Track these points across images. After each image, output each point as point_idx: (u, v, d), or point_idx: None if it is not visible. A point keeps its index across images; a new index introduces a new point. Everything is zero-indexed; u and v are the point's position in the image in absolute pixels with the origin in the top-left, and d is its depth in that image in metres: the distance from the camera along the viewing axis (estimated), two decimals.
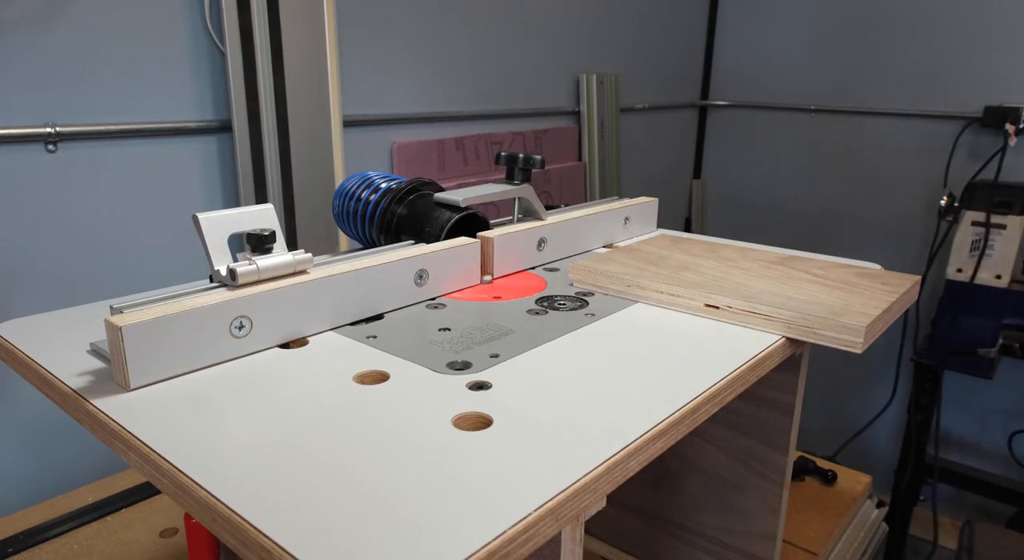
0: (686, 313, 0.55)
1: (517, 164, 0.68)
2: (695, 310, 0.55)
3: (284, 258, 0.48)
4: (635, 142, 2.35)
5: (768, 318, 0.51)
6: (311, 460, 0.34)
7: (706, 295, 0.54)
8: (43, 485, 1.12)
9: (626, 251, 0.67)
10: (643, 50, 2.29)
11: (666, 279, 0.58)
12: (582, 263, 0.62)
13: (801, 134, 2.42)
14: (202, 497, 0.31)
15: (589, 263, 0.62)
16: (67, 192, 1.11)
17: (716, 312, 0.53)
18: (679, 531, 0.72)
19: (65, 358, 0.45)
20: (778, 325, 0.51)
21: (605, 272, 0.60)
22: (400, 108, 1.59)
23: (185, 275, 1.23)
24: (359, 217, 0.66)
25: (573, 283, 0.62)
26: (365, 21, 1.47)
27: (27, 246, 1.08)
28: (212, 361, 0.44)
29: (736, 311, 0.52)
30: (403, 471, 0.33)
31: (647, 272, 0.60)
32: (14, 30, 1.02)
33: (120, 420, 0.38)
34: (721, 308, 0.53)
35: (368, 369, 0.44)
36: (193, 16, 1.19)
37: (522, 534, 0.29)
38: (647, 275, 0.59)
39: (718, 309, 0.53)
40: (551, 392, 0.41)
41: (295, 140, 1.26)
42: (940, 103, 2.09)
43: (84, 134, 1.10)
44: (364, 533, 0.28)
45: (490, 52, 1.78)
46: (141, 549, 0.89)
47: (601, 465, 0.34)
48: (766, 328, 0.51)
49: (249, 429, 0.37)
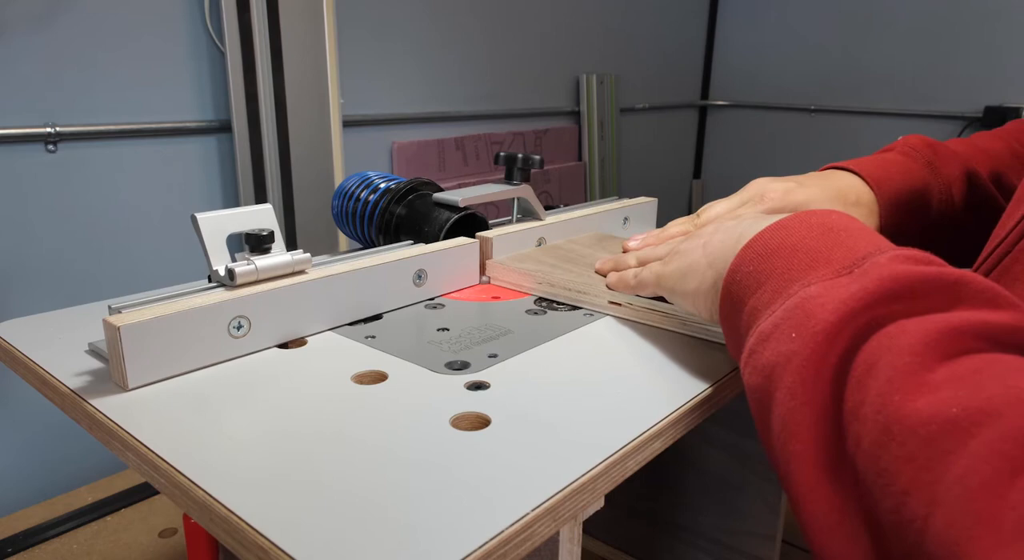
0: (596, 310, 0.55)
1: (516, 164, 0.68)
2: (602, 307, 0.54)
3: (283, 258, 0.48)
4: (635, 142, 2.35)
5: (665, 315, 0.51)
6: (309, 460, 0.34)
7: (610, 293, 0.54)
8: (43, 485, 1.12)
9: (549, 249, 0.67)
10: (643, 50, 2.29)
11: (578, 275, 0.58)
12: (498, 260, 0.62)
13: (801, 134, 2.43)
14: (200, 497, 0.31)
15: (506, 260, 0.62)
16: (67, 192, 1.11)
17: (620, 310, 0.53)
18: (678, 531, 0.72)
19: (63, 358, 0.45)
20: (674, 322, 0.50)
21: (519, 270, 0.60)
22: (400, 108, 1.59)
23: (184, 275, 1.23)
24: (358, 217, 0.66)
25: (490, 279, 0.62)
26: (365, 21, 1.47)
27: (27, 246, 1.08)
28: (210, 361, 0.44)
29: (637, 308, 0.52)
30: (401, 471, 0.33)
31: (559, 269, 0.60)
32: (14, 30, 1.02)
33: (118, 420, 0.38)
34: (623, 305, 0.53)
35: (366, 369, 0.44)
36: (193, 16, 1.19)
37: (520, 534, 0.29)
38: (559, 272, 0.59)
39: (620, 306, 0.53)
40: (549, 392, 0.41)
41: (295, 140, 1.26)
42: (940, 103, 2.09)
43: (84, 134, 1.10)
44: (361, 533, 0.28)
45: (490, 52, 1.78)
46: (140, 549, 0.89)
47: (599, 465, 0.34)
48: (663, 325, 0.51)
49: (247, 429, 0.37)
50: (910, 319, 0.28)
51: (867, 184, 0.58)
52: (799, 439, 0.29)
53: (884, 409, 0.26)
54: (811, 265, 0.34)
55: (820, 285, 0.32)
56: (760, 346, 0.33)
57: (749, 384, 0.34)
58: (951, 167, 0.61)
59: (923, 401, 0.25)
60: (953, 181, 0.60)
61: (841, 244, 0.34)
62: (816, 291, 0.31)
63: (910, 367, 0.26)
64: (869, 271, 0.31)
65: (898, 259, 0.31)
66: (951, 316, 0.28)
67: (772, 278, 0.35)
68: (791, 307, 0.32)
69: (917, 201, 0.59)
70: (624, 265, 0.56)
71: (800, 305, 0.31)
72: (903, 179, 0.59)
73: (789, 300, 0.32)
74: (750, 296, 0.36)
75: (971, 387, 0.24)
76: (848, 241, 0.34)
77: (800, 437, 0.29)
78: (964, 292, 0.29)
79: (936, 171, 0.60)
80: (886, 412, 0.26)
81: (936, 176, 0.60)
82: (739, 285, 0.37)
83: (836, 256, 0.33)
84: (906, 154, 0.62)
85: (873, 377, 0.27)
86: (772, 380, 0.31)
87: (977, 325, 0.27)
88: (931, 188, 0.60)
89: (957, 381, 0.25)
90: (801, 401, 0.29)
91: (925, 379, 0.25)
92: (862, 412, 0.27)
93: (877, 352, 0.28)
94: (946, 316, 0.28)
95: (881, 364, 0.27)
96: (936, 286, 0.29)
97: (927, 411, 0.24)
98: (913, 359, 0.26)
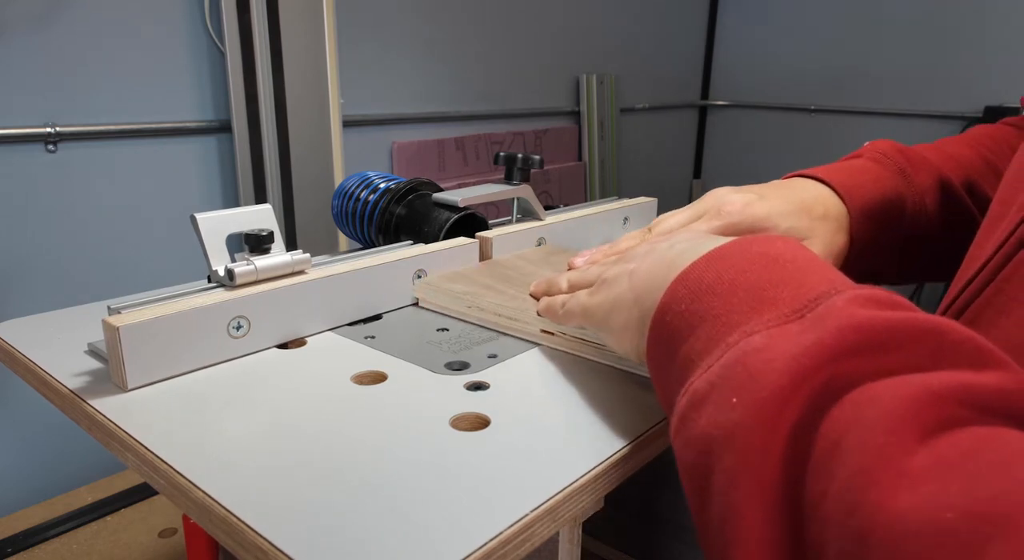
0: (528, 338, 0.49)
1: (516, 164, 0.68)
2: (534, 336, 0.48)
3: (282, 258, 0.48)
4: (635, 142, 2.35)
5: (599, 349, 0.45)
6: (308, 461, 0.34)
7: (543, 321, 0.47)
8: (43, 485, 1.12)
9: (490, 265, 0.60)
10: (643, 50, 2.29)
11: (510, 299, 0.51)
12: (427, 280, 0.55)
13: (801, 134, 2.43)
14: (199, 498, 0.31)
15: (435, 280, 0.55)
16: (67, 192, 1.11)
17: (553, 339, 0.47)
18: (678, 531, 0.72)
19: (63, 358, 0.45)
20: (610, 357, 0.45)
21: (449, 291, 0.53)
22: (400, 108, 1.59)
23: (183, 275, 1.23)
24: (358, 217, 0.66)
25: (419, 303, 0.56)
26: (365, 21, 1.47)
27: (27, 246, 1.08)
28: (210, 361, 0.44)
29: (569, 339, 0.46)
30: (400, 471, 0.33)
31: (493, 291, 0.53)
32: (14, 30, 1.02)
33: (117, 420, 0.38)
34: (556, 335, 0.46)
35: (366, 369, 0.44)
36: (193, 16, 1.19)
37: (519, 535, 0.29)
38: (491, 295, 0.52)
39: (553, 335, 0.47)
40: (549, 392, 0.41)
41: (295, 140, 1.26)
42: (940, 103, 2.09)
43: (84, 134, 1.10)
44: (361, 533, 0.28)
45: (490, 52, 1.78)
46: (140, 549, 0.89)
47: (599, 466, 0.34)
48: (599, 359, 0.45)
49: (246, 430, 0.37)
50: (879, 382, 0.23)
51: (836, 194, 0.53)
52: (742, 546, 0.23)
53: (856, 511, 0.20)
54: (753, 307, 0.28)
55: (765, 334, 0.26)
56: (693, 412, 0.27)
57: (681, 459, 0.28)
58: (924, 175, 0.56)
59: (906, 500, 0.19)
60: (927, 190, 0.55)
61: (789, 280, 0.29)
62: (760, 342, 0.26)
63: (886, 450, 0.21)
64: (824, 317, 0.26)
65: (858, 301, 0.26)
66: (929, 378, 0.22)
67: (707, 322, 0.29)
68: (730, 363, 0.27)
69: (890, 212, 0.54)
70: (556, 289, 0.49)
71: (741, 360, 0.26)
72: (875, 188, 0.54)
73: (728, 353, 0.27)
74: (681, 342, 0.31)
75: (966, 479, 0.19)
76: (797, 276, 0.29)
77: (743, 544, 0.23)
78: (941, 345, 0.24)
79: (909, 179, 0.55)
80: (859, 515, 0.20)
81: (909, 185, 0.55)
82: (669, 328, 0.32)
83: (783, 296, 0.28)
84: (876, 160, 0.56)
85: (839, 461, 0.22)
86: (709, 458, 0.26)
87: (961, 389, 0.22)
88: (904, 198, 0.55)
89: (947, 470, 0.20)
90: (745, 492, 0.24)
91: (906, 466, 0.20)
92: (826, 509, 0.21)
93: (842, 426, 0.22)
94: (923, 378, 0.22)
95: (848, 444, 0.22)
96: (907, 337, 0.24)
97: (913, 517, 0.19)
98: (888, 439, 0.21)
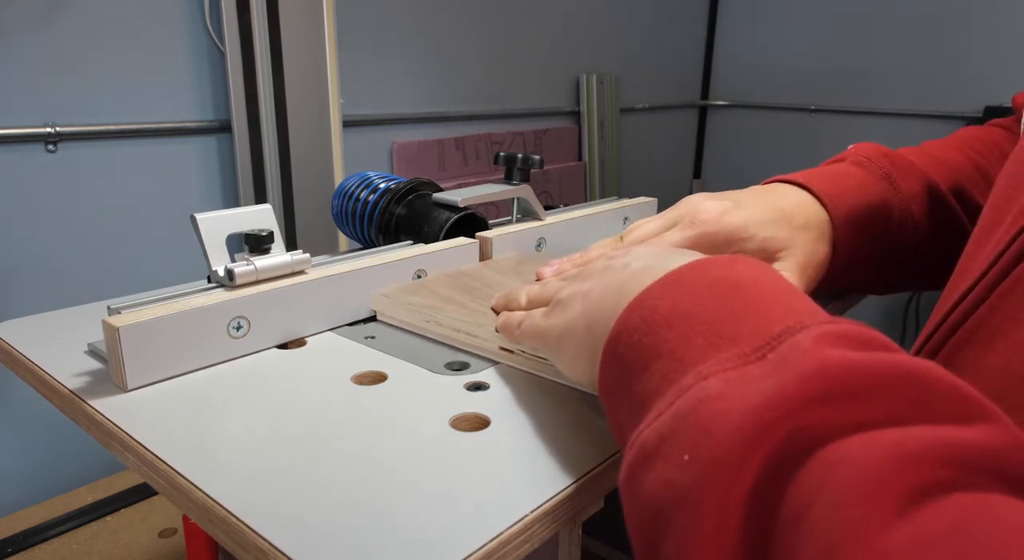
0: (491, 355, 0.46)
1: (516, 164, 0.68)
2: (493, 354, 0.46)
3: (282, 258, 0.48)
4: (635, 142, 2.35)
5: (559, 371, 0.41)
6: (308, 461, 0.34)
7: (502, 338, 0.45)
8: (43, 485, 1.12)
9: (454, 276, 0.57)
10: (643, 50, 2.28)
11: (471, 313, 0.49)
12: (386, 292, 0.53)
13: (801, 134, 2.42)
14: (198, 498, 0.31)
15: (394, 292, 0.53)
16: (67, 192, 1.11)
17: (512, 357, 0.44)
18: None
19: (63, 359, 0.45)
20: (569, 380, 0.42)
21: (407, 304, 0.51)
22: (400, 108, 1.58)
23: (183, 275, 1.23)
24: (358, 217, 0.66)
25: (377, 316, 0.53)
26: (365, 21, 1.47)
27: (26, 246, 1.08)
28: (210, 362, 0.44)
29: (528, 357, 0.43)
30: (400, 472, 0.33)
31: (453, 303, 0.51)
32: (14, 30, 1.02)
33: (117, 421, 0.38)
34: (515, 353, 0.44)
35: (366, 369, 0.44)
36: (193, 16, 1.19)
37: (519, 535, 0.29)
38: (451, 308, 0.50)
39: (512, 354, 0.44)
40: (549, 393, 0.41)
41: (295, 140, 1.26)
42: (940, 103, 2.09)
43: (84, 134, 1.10)
44: (360, 533, 0.28)
45: (490, 52, 1.78)
46: (140, 549, 0.89)
47: (599, 466, 0.34)
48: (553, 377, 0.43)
49: (246, 430, 0.37)
50: (850, 438, 0.20)
51: (819, 201, 0.50)
52: None
53: None
54: (711, 342, 0.26)
55: (721, 377, 0.24)
56: (642, 469, 0.24)
57: (629, 518, 0.25)
58: (911, 181, 0.53)
59: None
60: (914, 197, 0.53)
61: (751, 312, 0.26)
62: (716, 387, 0.23)
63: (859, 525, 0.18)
64: (788, 358, 0.23)
65: (827, 339, 0.23)
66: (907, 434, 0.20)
67: (661, 358, 0.27)
68: (683, 412, 0.24)
69: (875, 220, 0.52)
70: (515, 304, 0.46)
71: (695, 411, 0.23)
72: (859, 195, 0.51)
73: (681, 398, 0.24)
74: (634, 378, 0.28)
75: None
76: (760, 307, 0.26)
77: None
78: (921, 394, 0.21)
79: (895, 185, 0.53)
80: None
81: (895, 191, 0.53)
82: (621, 361, 0.29)
83: (744, 330, 0.25)
84: (861, 165, 0.54)
85: (804, 537, 0.19)
86: (658, 523, 0.23)
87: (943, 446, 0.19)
88: (891, 205, 0.52)
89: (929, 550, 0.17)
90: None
91: (881, 545, 0.18)
92: None
93: (807, 494, 0.20)
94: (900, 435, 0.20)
95: (814, 515, 0.19)
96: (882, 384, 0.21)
97: None
98: (861, 510, 0.18)
